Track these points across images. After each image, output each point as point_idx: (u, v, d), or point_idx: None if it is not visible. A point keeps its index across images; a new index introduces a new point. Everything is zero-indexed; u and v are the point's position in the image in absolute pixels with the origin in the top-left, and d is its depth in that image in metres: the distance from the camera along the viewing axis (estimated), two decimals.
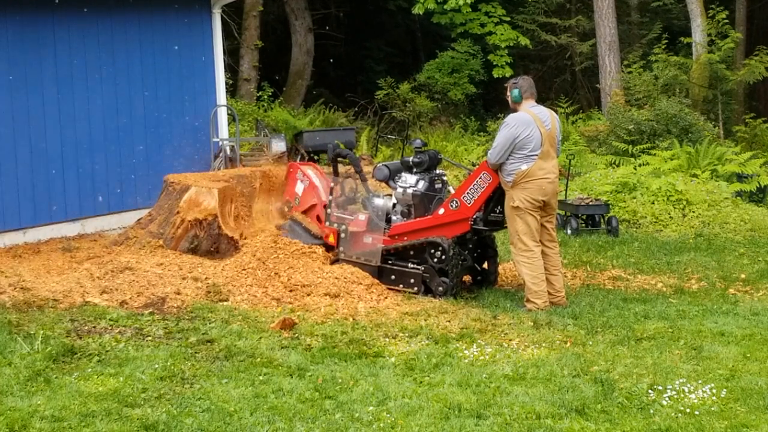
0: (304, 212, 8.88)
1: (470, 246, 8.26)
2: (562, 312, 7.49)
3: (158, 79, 11.31)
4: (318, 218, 8.73)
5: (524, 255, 7.64)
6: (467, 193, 7.86)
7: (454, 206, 7.92)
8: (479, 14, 19.74)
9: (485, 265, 8.54)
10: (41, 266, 8.65)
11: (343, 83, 22.99)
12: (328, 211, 8.52)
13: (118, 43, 10.90)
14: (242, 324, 6.87)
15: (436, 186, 8.38)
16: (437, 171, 8.56)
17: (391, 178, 8.53)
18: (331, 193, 8.60)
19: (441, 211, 8.01)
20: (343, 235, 8.37)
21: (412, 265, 8.07)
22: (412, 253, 8.10)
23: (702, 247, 10.24)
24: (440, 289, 7.89)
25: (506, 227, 8.24)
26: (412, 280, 8.03)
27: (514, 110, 7.72)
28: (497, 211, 7.97)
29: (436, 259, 7.93)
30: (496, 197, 7.91)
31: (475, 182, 7.84)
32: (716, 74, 16.93)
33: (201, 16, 11.74)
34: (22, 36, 10.05)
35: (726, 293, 8.32)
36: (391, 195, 8.53)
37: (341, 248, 8.36)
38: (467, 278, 8.52)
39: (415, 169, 8.41)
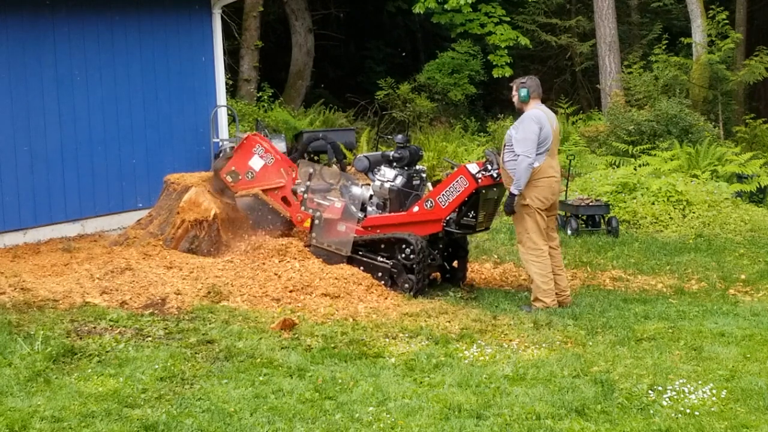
0: (264, 192, 8.68)
1: (441, 246, 8.29)
2: (562, 312, 7.49)
3: (158, 80, 11.30)
4: (284, 200, 8.64)
5: (533, 253, 7.64)
6: (443, 194, 7.89)
7: (428, 206, 7.96)
8: (479, 14, 19.74)
9: (455, 264, 8.57)
10: (41, 266, 8.64)
11: (343, 83, 22.99)
12: (305, 195, 8.51)
13: (118, 43, 10.90)
14: (242, 324, 6.87)
15: (414, 182, 8.42)
16: (417, 167, 8.58)
17: (370, 169, 8.55)
18: (309, 179, 8.58)
19: (416, 209, 8.04)
20: (317, 221, 8.38)
21: (381, 259, 8.10)
22: (382, 246, 8.13)
23: (702, 248, 10.24)
24: (406, 285, 7.92)
25: (478, 231, 8.29)
26: (379, 274, 8.06)
27: (521, 110, 7.74)
28: (470, 215, 7.99)
29: (404, 256, 7.94)
30: (471, 202, 7.93)
31: (451, 185, 7.88)
32: (716, 75, 16.92)
33: (201, 16, 11.73)
34: (22, 36, 10.05)
35: (726, 294, 8.32)
36: (369, 185, 8.55)
37: (313, 234, 8.37)
38: (436, 275, 8.55)
39: (395, 164, 8.43)
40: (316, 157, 14.37)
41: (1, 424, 4.97)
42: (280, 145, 13.75)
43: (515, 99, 7.79)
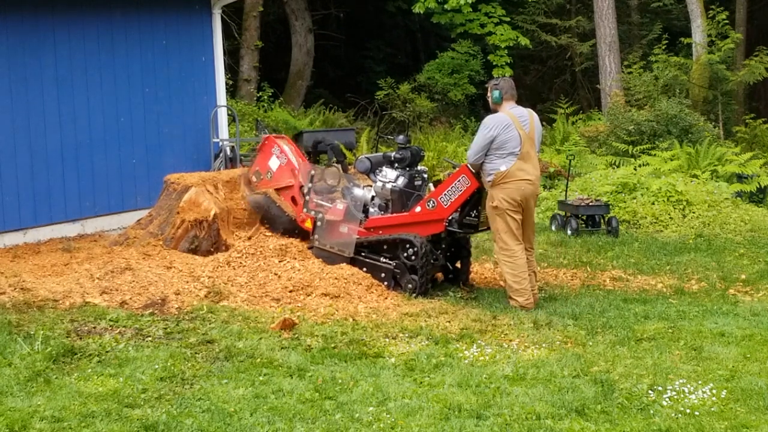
0: (277, 191, 8.90)
1: (443, 246, 8.29)
2: (563, 312, 7.49)
3: (158, 80, 11.30)
4: (293, 199, 8.77)
5: (504, 253, 7.67)
6: (445, 194, 7.90)
7: (430, 206, 7.96)
8: (479, 14, 19.75)
9: (458, 264, 8.57)
10: (41, 266, 8.64)
11: (343, 83, 22.99)
12: (307, 197, 8.54)
13: (118, 43, 10.91)
14: (242, 324, 6.87)
15: (416, 183, 8.42)
16: (419, 167, 8.59)
17: (372, 170, 8.55)
18: (311, 180, 8.60)
19: (418, 209, 8.04)
20: (319, 223, 8.39)
21: (384, 260, 8.09)
22: (385, 247, 8.11)
23: (702, 248, 10.24)
24: (409, 286, 7.91)
25: (481, 231, 8.29)
26: (383, 275, 8.05)
27: (494, 111, 7.80)
28: (473, 214, 8.00)
29: (407, 257, 7.94)
30: (473, 201, 7.95)
31: (453, 184, 7.89)
32: (716, 75, 16.93)
33: (201, 16, 11.73)
34: (23, 37, 10.05)
35: (726, 294, 8.32)
36: (371, 186, 8.56)
37: (316, 236, 8.38)
38: (439, 275, 8.55)
39: (396, 165, 8.44)
40: (316, 158, 14.38)
41: (1, 424, 4.97)
42: None
43: (489, 100, 7.86)
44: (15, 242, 9.91)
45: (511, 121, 7.61)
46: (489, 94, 7.83)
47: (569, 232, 11.03)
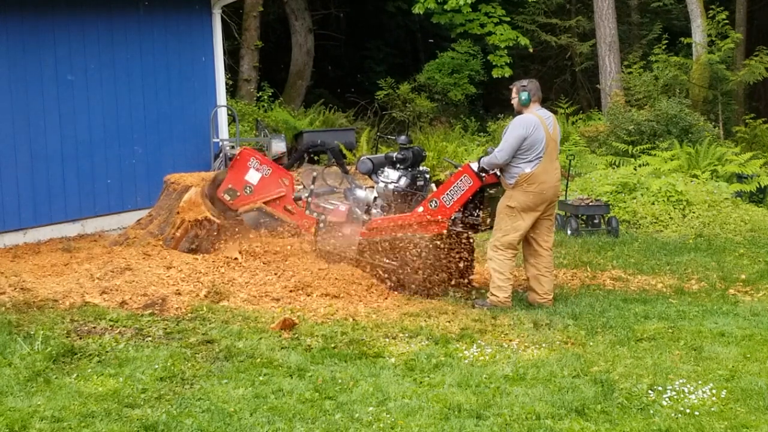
0: (266, 203, 8.74)
1: (446, 245, 8.27)
2: (563, 312, 7.49)
3: (158, 80, 11.31)
4: (286, 209, 8.70)
5: (500, 251, 7.68)
6: (447, 194, 7.88)
7: (433, 206, 7.94)
8: (479, 14, 19.76)
9: (460, 264, 8.56)
10: (41, 266, 8.64)
11: (343, 83, 22.99)
12: (309, 199, 8.52)
13: (118, 44, 10.91)
14: (242, 324, 6.87)
15: (418, 183, 8.42)
16: (420, 168, 8.58)
17: (374, 171, 8.54)
18: (313, 182, 8.59)
19: (420, 209, 8.03)
20: (321, 225, 8.38)
21: (387, 260, 8.08)
22: (388, 247, 8.10)
23: (702, 248, 10.24)
24: (413, 286, 7.90)
25: (483, 230, 8.28)
26: (386, 275, 8.05)
27: (520, 113, 7.74)
28: (475, 214, 7.98)
29: (410, 257, 7.93)
30: (476, 200, 7.93)
31: (455, 184, 7.86)
32: (716, 75, 16.92)
33: (201, 16, 11.74)
34: (23, 37, 10.06)
35: (726, 294, 8.32)
36: (373, 188, 8.55)
37: (318, 237, 8.37)
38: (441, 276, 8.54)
39: (398, 165, 8.43)
40: (316, 158, 14.39)
41: (1, 424, 4.97)
42: (280, 146, 13.83)
43: (515, 102, 7.80)
44: (15, 242, 9.92)
45: (539, 122, 7.61)
46: (515, 95, 7.76)
47: (569, 232, 11.03)
